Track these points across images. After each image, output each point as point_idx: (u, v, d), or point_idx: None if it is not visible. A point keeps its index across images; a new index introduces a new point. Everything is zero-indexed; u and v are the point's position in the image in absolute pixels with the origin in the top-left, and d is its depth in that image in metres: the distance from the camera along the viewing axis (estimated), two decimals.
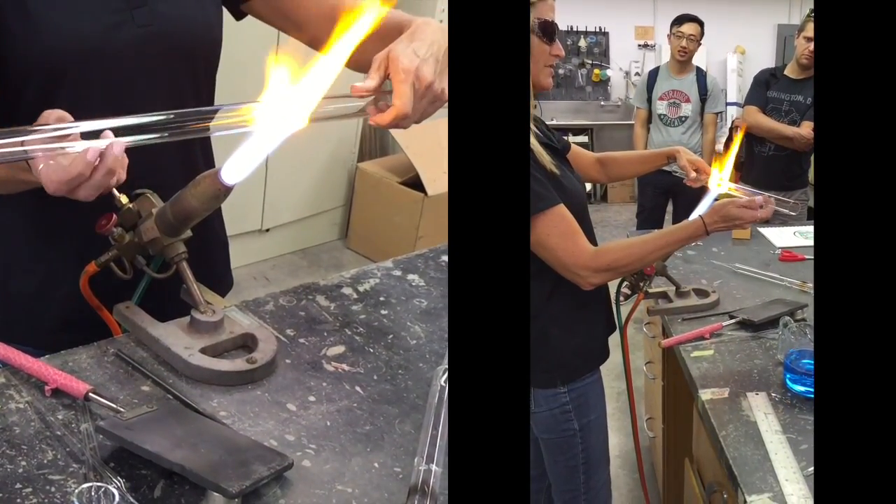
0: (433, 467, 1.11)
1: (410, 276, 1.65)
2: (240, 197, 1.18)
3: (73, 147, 1.11)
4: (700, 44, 4.71)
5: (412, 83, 1.21)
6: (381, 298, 1.56)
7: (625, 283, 2.18)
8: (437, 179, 4.27)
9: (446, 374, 1.29)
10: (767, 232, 3.03)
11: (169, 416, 1.15)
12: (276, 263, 4.43)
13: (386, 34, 1.28)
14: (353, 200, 4.61)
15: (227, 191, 1.22)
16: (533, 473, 2.28)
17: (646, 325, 2.79)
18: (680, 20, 4.68)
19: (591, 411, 1.96)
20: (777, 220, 2.85)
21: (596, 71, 8.35)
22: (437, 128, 1.29)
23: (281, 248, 4.50)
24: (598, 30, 8.38)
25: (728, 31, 8.14)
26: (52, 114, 1.17)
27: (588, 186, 2.02)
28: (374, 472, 1.14)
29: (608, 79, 8.42)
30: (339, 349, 1.38)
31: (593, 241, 1.84)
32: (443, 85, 1.26)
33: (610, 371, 2.11)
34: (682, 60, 4.69)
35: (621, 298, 2.18)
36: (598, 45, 8.41)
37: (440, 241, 1.79)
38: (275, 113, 1.12)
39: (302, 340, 1.40)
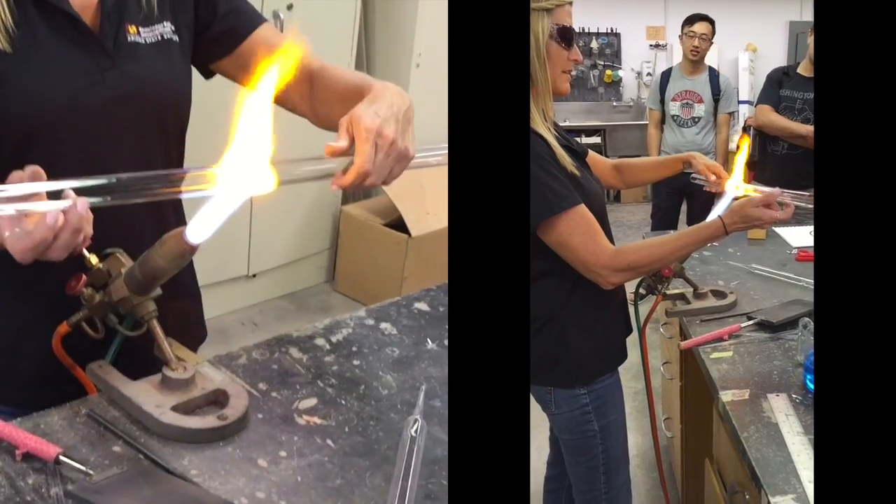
0: None
1: (383, 325, 1.66)
2: (225, 242, 1.22)
3: (36, 207, 1.12)
4: (712, 43, 4.69)
5: (374, 142, 1.25)
6: (354, 348, 1.56)
7: (642, 284, 2.20)
8: (420, 220, 4.36)
9: (417, 425, 1.30)
10: (783, 232, 3.05)
11: (139, 477, 1.15)
12: (263, 308, 4.45)
13: (349, 97, 1.34)
14: (339, 243, 4.66)
15: (192, 250, 1.24)
16: (553, 473, 2.38)
17: (663, 325, 2.80)
18: (691, 20, 4.67)
19: (610, 412, 1.97)
20: (794, 217, 2.81)
21: (608, 72, 8.36)
22: (417, 171, 1.33)
23: (268, 293, 4.52)
24: (609, 31, 8.39)
25: (739, 29, 8.13)
26: (23, 172, 1.16)
27: (603, 189, 2.03)
28: None
29: (620, 79, 8.43)
30: (312, 402, 1.39)
31: (612, 241, 1.85)
32: (406, 143, 1.29)
33: (627, 371, 2.13)
34: (695, 60, 4.66)
35: (638, 299, 2.20)
36: (610, 45, 8.42)
37: (426, 281, 1.85)
38: (239, 175, 1.16)
39: (274, 394, 1.40)
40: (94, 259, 1.31)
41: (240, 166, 1.15)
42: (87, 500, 1.08)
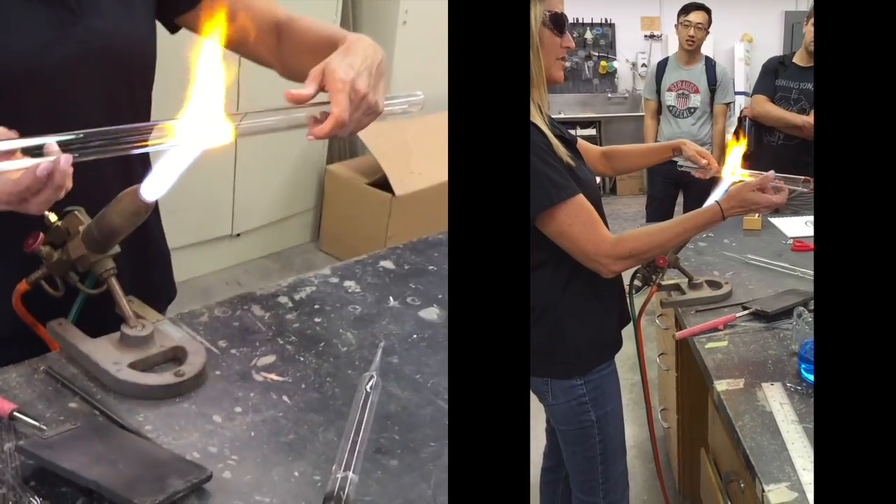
0: (350, 475, 1.12)
1: (347, 283, 1.67)
2: (209, 202, 1.21)
3: (20, 164, 1.13)
4: (708, 32, 4.66)
5: (349, 93, 1.27)
6: (316, 306, 1.58)
7: (637, 274, 2.22)
8: (404, 179, 4.38)
9: (372, 381, 1.31)
10: (779, 222, 3.06)
11: (92, 433, 1.16)
12: (248, 268, 4.45)
13: (320, 48, 1.36)
14: (324, 202, 4.68)
15: (147, 207, 1.25)
16: (550, 464, 2.37)
17: (658, 316, 2.79)
18: (687, 9, 4.63)
19: (607, 402, 1.97)
20: (791, 207, 2.87)
21: (602, 63, 8.34)
22: (402, 129, 1.36)
23: (253, 252, 4.53)
24: (603, 21, 8.38)
25: (735, 20, 8.12)
26: None
27: (597, 179, 2.03)
28: (293, 482, 1.15)
29: (615, 71, 8.42)
30: (270, 359, 1.40)
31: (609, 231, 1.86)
32: (377, 97, 1.32)
33: (623, 363, 2.13)
34: (690, 50, 4.63)
35: (633, 290, 2.21)
36: (605, 36, 8.41)
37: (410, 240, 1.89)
38: (195, 129, 1.16)
39: (233, 351, 1.41)
40: (52, 217, 1.32)
41: (193, 119, 1.15)
42: (38, 454, 1.10)
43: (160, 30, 1.56)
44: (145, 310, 1.41)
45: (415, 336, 1.51)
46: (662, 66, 4.77)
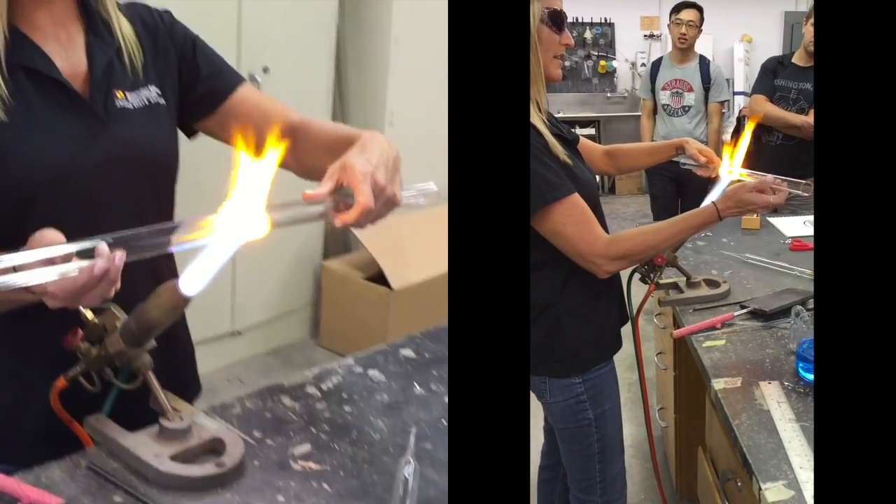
0: None
1: (371, 372, 1.68)
2: (209, 299, 1.23)
3: (73, 267, 1.16)
4: (700, 30, 4.68)
5: (371, 184, 1.29)
6: (344, 395, 1.59)
7: (636, 273, 2.21)
8: (400, 273, 4.40)
9: (410, 467, 1.32)
10: (777, 222, 3.07)
11: None
12: (248, 365, 4.44)
13: (336, 147, 1.38)
14: (322, 298, 4.68)
15: (186, 301, 1.26)
16: (548, 463, 2.40)
17: (657, 315, 2.81)
18: (678, 7, 4.66)
19: (605, 401, 1.98)
20: (789, 207, 2.87)
21: (602, 62, 8.35)
22: (396, 224, 1.34)
23: (253, 348, 4.53)
24: (603, 21, 8.37)
25: (734, 20, 8.14)
26: (45, 235, 1.19)
27: (596, 178, 2.05)
28: None
29: (614, 70, 8.42)
30: (306, 448, 1.41)
31: (605, 231, 1.86)
32: (395, 189, 1.35)
33: (621, 362, 2.13)
34: (683, 48, 4.65)
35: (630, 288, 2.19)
36: (604, 36, 8.41)
37: (409, 333, 1.85)
38: (231, 223, 1.19)
39: (269, 441, 1.42)
40: (89, 314, 1.34)
41: (231, 213, 1.19)
42: None
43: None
44: (179, 403, 1.41)
45: (444, 421, 1.52)
46: (657, 65, 4.80)
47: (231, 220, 1.19)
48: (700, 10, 4.61)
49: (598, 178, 2.25)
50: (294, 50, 4.04)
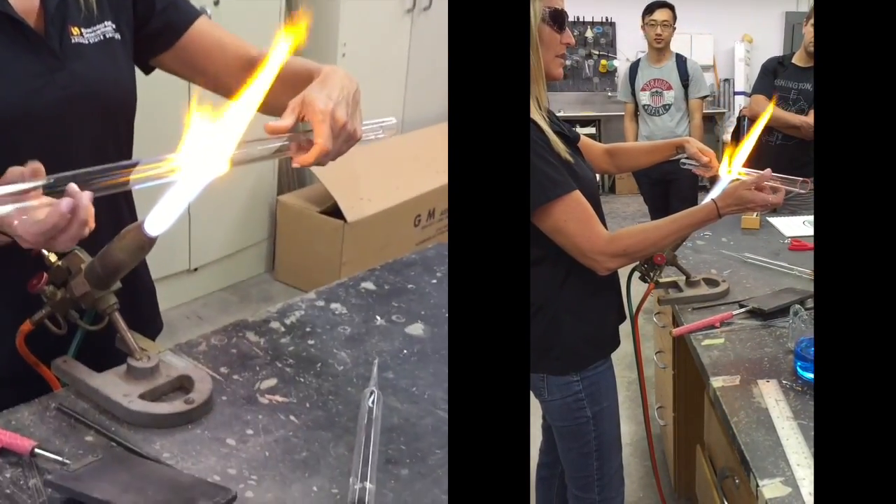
0: (367, 485, 1.16)
1: (333, 305, 1.72)
2: (166, 239, 1.27)
3: (41, 201, 1.16)
4: (674, 28, 4.68)
5: (329, 123, 1.31)
6: (308, 329, 1.62)
7: (635, 272, 2.22)
8: (354, 206, 4.43)
9: (373, 396, 1.36)
10: (776, 221, 3.06)
11: (114, 464, 1.19)
12: (206, 301, 4.47)
13: (296, 82, 1.38)
14: (277, 233, 4.72)
15: (151, 242, 1.27)
16: (546, 460, 2.38)
17: (656, 314, 2.81)
18: (650, 8, 4.67)
19: (603, 399, 1.98)
20: (788, 206, 2.86)
21: (603, 62, 8.31)
22: (350, 157, 1.38)
23: (210, 285, 4.55)
24: (604, 20, 8.34)
25: (735, 20, 8.13)
26: (17, 169, 1.19)
27: (597, 177, 2.05)
28: (313, 496, 1.18)
29: (615, 69, 8.37)
30: (272, 382, 1.44)
31: (605, 229, 1.86)
32: (355, 125, 1.36)
33: (620, 361, 2.17)
34: (659, 48, 4.66)
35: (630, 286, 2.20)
36: (605, 35, 8.38)
37: (363, 266, 1.92)
38: (194, 161, 1.18)
39: (236, 377, 1.45)
40: (53, 257, 1.35)
41: (192, 152, 1.18)
42: (68, 487, 1.11)
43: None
44: (145, 342, 1.43)
45: (405, 351, 1.55)
46: (635, 67, 4.82)
47: (194, 158, 1.18)
48: (672, 8, 4.62)
49: (598, 176, 2.24)
50: None
